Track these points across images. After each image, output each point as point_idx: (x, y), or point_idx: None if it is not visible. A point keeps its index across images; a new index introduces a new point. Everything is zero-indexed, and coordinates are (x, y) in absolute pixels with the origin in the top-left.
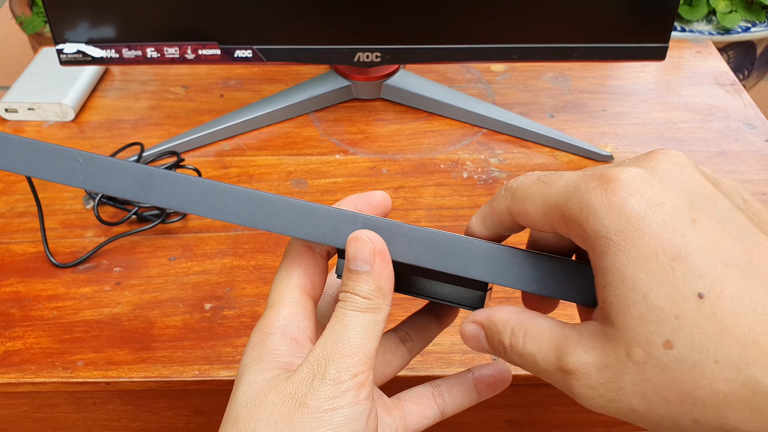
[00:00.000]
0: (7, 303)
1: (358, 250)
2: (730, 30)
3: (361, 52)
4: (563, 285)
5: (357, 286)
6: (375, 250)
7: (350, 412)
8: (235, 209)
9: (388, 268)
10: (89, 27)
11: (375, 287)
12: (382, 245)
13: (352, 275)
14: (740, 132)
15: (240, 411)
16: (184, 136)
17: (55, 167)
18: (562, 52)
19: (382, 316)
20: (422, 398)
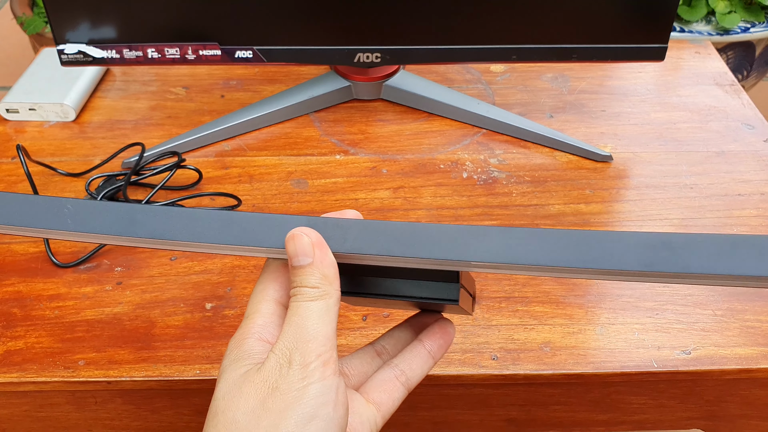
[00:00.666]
0: (9, 303)
1: (297, 246)
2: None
3: (362, 53)
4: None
5: (304, 279)
6: (312, 242)
7: (320, 386)
8: (211, 232)
9: (327, 256)
10: (90, 27)
11: (320, 276)
12: (318, 237)
13: (297, 270)
14: (739, 132)
15: (219, 405)
16: (184, 137)
17: (45, 217)
18: (561, 53)
19: (332, 300)
20: (387, 383)
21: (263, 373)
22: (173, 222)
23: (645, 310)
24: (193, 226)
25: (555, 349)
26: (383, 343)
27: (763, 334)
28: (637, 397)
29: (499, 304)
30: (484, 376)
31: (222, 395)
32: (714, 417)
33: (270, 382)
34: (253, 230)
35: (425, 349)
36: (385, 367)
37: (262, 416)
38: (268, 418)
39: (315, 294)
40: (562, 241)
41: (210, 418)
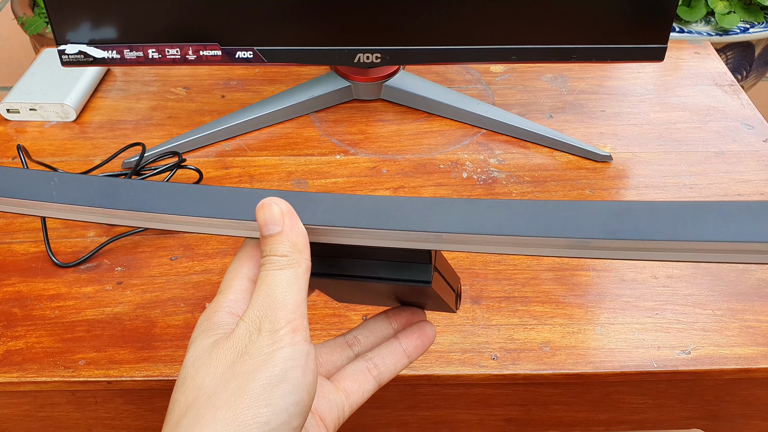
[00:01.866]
0: (9, 302)
1: (266, 215)
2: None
3: (362, 53)
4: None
5: (273, 247)
6: (282, 211)
7: (290, 350)
8: (190, 204)
9: (297, 225)
10: (91, 28)
11: (289, 244)
12: (287, 206)
13: (267, 239)
14: (738, 132)
15: (188, 372)
16: (185, 137)
17: (32, 188)
18: (561, 53)
19: (302, 269)
20: (359, 374)
21: (232, 340)
22: (152, 194)
23: (645, 309)
24: (170, 198)
25: (555, 348)
26: (356, 333)
27: (762, 334)
28: (636, 396)
29: (498, 304)
30: (484, 376)
31: (191, 363)
32: (714, 417)
33: (239, 347)
34: (227, 202)
35: (401, 347)
36: (358, 358)
37: (230, 379)
38: (235, 380)
39: (283, 262)
40: (528, 210)
41: (178, 385)
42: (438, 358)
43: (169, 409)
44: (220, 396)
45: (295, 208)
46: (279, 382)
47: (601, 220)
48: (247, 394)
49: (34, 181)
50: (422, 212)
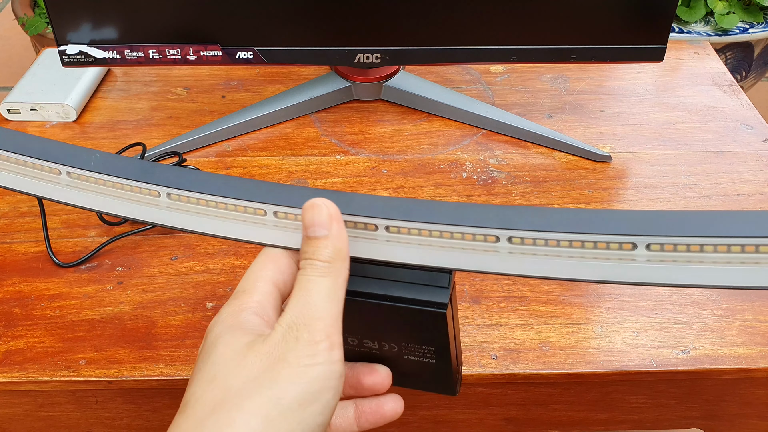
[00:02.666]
0: (10, 302)
1: (315, 216)
2: (728, 31)
3: (362, 54)
4: None
5: (317, 251)
6: (331, 214)
7: (325, 369)
8: (227, 189)
9: (344, 231)
10: (91, 28)
11: (334, 251)
12: (336, 210)
13: (311, 241)
14: (738, 132)
15: (218, 370)
16: (185, 137)
17: (73, 158)
18: (560, 54)
19: (341, 279)
20: (343, 412)
21: (269, 344)
22: (189, 178)
23: (644, 309)
24: (212, 182)
25: (554, 348)
26: None
27: (761, 334)
28: (636, 396)
29: (498, 304)
30: (484, 376)
31: (224, 361)
32: (713, 416)
33: (275, 354)
34: (269, 191)
35: (353, 412)
36: (347, 400)
37: (265, 386)
38: (271, 389)
39: (325, 269)
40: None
41: (203, 380)
42: None
43: (189, 404)
44: (254, 401)
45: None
46: (313, 401)
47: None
48: (282, 407)
49: (74, 154)
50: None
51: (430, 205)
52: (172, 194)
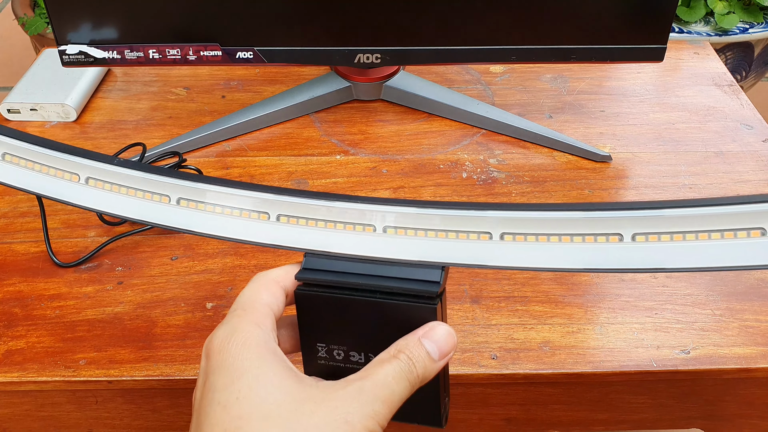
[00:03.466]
0: (10, 302)
1: (446, 342)
2: (728, 31)
3: (362, 54)
4: None
5: (414, 350)
6: (448, 354)
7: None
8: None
9: (443, 363)
10: (91, 28)
11: (423, 368)
12: (452, 348)
13: (416, 344)
14: (738, 132)
15: (271, 409)
16: (185, 137)
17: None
18: (560, 54)
19: (407, 391)
20: None
21: (330, 402)
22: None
23: (644, 309)
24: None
25: (554, 348)
26: None
27: (761, 334)
28: (636, 396)
29: (498, 304)
30: (484, 376)
31: (276, 404)
32: (713, 416)
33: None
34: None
35: None
36: None
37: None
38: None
39: (410, 375)
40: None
41: (256, 420)
42: None
43: (209, 414)
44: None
45: None
46: None
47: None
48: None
49: (95, 156)
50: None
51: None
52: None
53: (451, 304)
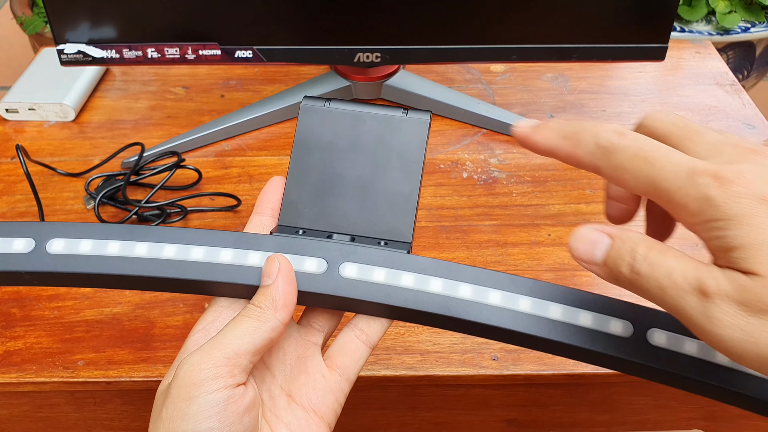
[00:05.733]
0: (8, 303)
1: (266, 268)
2: (730, 30)
3: (362, 53)
4: None
5: (256, 297)
6: (279, 268)
7: (204, 401)
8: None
9: (287, 285)
10: (90, 27)
11: (269, 299)
12: (287, 267)
13: (258, 290)
14: (740, 132)
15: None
16: (184, 137)
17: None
18: (561, 53)
19: (267, 326)
20: (348, 345)
21: (168, 377)
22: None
23: None
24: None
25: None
26: (360, 325)
27: None
28: (637, 397)
29: None
30: (485, 377)
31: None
32: (714, 417)
33: (167, 386)
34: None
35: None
36: (344, 328)
37: (158, 427)
38: (162, 427)
39: (254, 313)
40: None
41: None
42: (438, 359)
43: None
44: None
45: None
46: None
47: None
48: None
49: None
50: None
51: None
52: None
53: None
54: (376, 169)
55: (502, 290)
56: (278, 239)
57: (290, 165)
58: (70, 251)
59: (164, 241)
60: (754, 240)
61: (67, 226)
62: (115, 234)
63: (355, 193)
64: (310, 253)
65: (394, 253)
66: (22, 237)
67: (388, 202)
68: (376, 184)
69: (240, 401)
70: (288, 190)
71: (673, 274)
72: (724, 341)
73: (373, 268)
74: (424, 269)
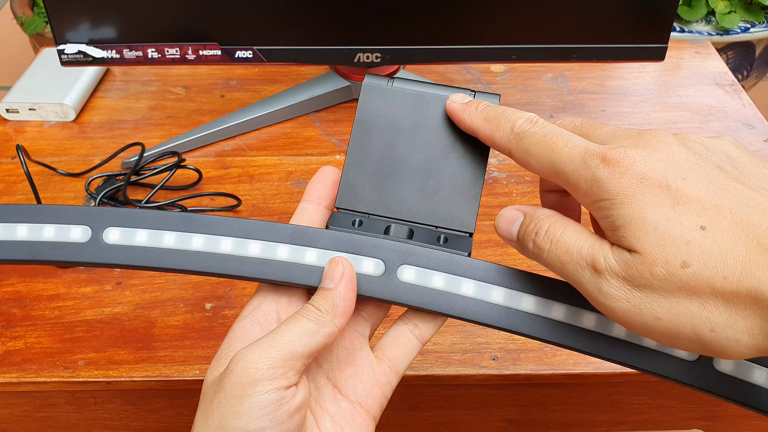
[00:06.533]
0: (9, 303)
1: (329, 269)
2: (729, 30)
3: (362, 53)
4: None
5: (316, 299)
6: (343, 273)
7: (258, 401)
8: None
9: (349, 291)
10: (90, 27)
11: (330, 304)
12: (350, 270)
13: (318, 291)
14: (739, 132)
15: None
16: (184, 137)
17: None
18: (561, 53)
19: (325, 330)
20: (400, 338)
21: (218, 368)
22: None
23: None
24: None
25: (555, 348)
26: (414, 320)
27: None
28: (637, 397)
29: None
30: (485, 377)
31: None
32: (714, 417)
33: (219, 383)
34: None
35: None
36: (398, 320)
37: (208, 419)
38: (212, 421)
39: (314, 315)
40: None
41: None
42: (438, 359)
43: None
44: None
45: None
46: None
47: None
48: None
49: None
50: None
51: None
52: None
53: None
54: (440, 153)
55: (564, 303)
56: (335, 235)
57: (350, 145)
58: (127, 242)
59: (220, 233)
60: (635, 218)
61: (121, 214)
62: (170, 224)
63: (416, 178)
64: (368, 252)
65: (454, 256)
66: (78, 225)
67: (451, 187)
68: (439, 169)
69: (292, 401)
70: (346, 170)
71: (570, 250)
72: (615, 313)
73: (432, 273)
74: (486, 276)
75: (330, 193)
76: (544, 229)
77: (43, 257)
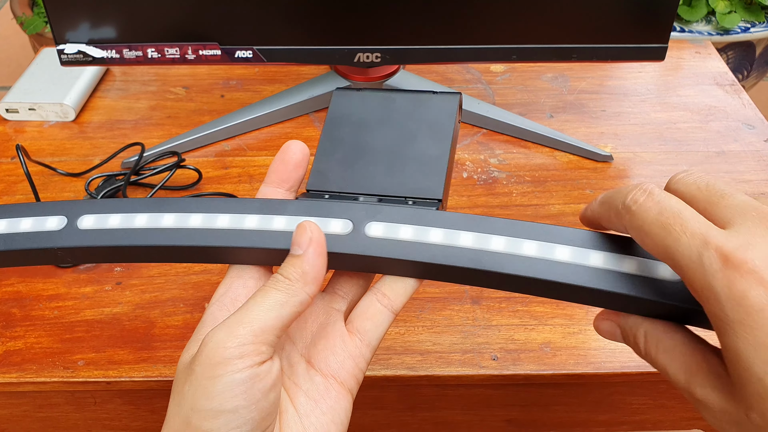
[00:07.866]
0: (8, 303)
1: (297, 236)
2: (730, 30)
3: (362, 53)
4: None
5: (285, 268)
6: (312, 238)
7: (230, 380)
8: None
9: (320, 258)
10: (90, 27)
11: (300, 271)
12: (319, 235)
13: (287, 259)
14: (739, 132)
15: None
16: (184, 137)
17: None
18: (561, 53)
19: (295, 299)
20: (370, 309)
21: (189, 350)
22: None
23: None
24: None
25: (555, 349)
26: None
27: None
28: (637, 397)
29: (499, 305)
30: (485, 377)
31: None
32: None
33: (188, 362)
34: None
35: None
36: (367, 293)
37: (181, 402)
38: (185, 404)
39: (283, 285)
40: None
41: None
42: (438, 359)
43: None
44: (170, 424)
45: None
46: (217, 414)
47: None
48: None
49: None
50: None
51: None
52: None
53: (452, 304)
54: (405, 138)
55: (537, 240)
56: (303, 203)
57: (320, 139)
58: (100, 226)
59: (190, 210)
60: (754, 372)
61: (96, 203)
62: (142, 207)
63: (383, 159)
64: (335, 214)
65: (421, 210)
66: (55, 215)
67: (418, 163)
68: (405, 151)
69: (266, 378)
70: (317, 159)
71: (668, 375)
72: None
73: (399, 225)
74: (454, 224)
75: (293, 175)
76: (641, 346)
77: (19, 246)
